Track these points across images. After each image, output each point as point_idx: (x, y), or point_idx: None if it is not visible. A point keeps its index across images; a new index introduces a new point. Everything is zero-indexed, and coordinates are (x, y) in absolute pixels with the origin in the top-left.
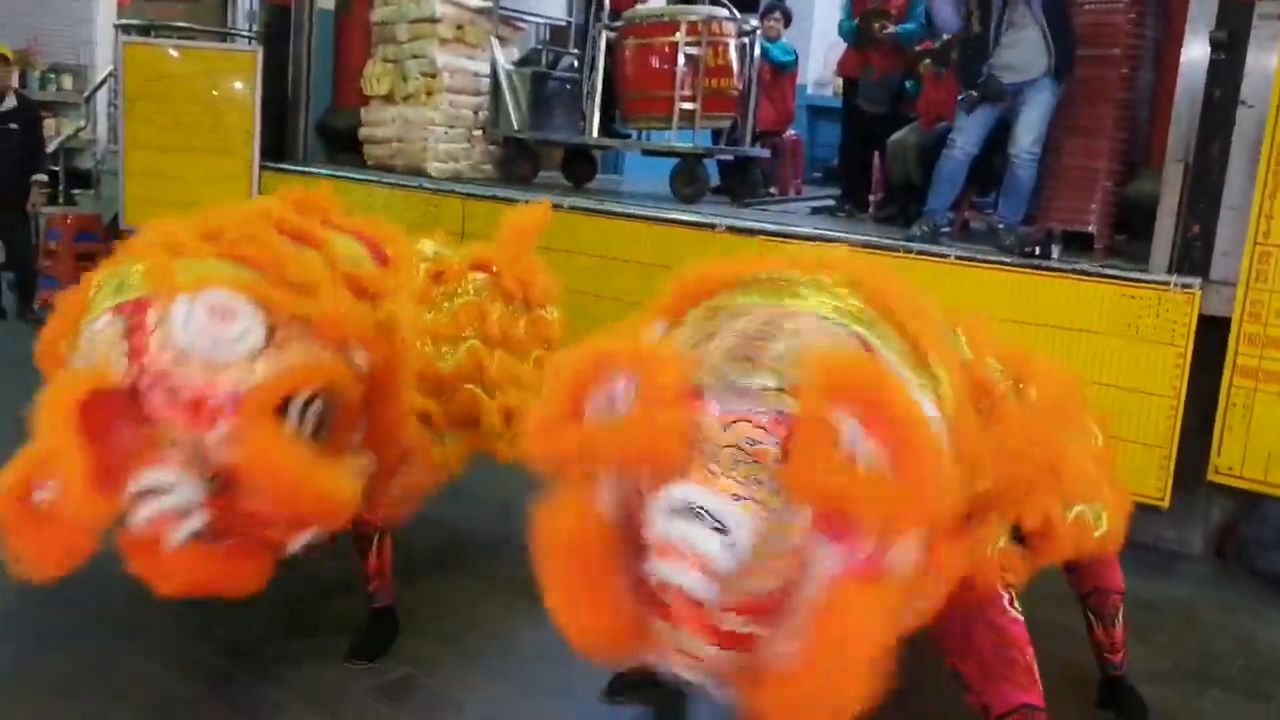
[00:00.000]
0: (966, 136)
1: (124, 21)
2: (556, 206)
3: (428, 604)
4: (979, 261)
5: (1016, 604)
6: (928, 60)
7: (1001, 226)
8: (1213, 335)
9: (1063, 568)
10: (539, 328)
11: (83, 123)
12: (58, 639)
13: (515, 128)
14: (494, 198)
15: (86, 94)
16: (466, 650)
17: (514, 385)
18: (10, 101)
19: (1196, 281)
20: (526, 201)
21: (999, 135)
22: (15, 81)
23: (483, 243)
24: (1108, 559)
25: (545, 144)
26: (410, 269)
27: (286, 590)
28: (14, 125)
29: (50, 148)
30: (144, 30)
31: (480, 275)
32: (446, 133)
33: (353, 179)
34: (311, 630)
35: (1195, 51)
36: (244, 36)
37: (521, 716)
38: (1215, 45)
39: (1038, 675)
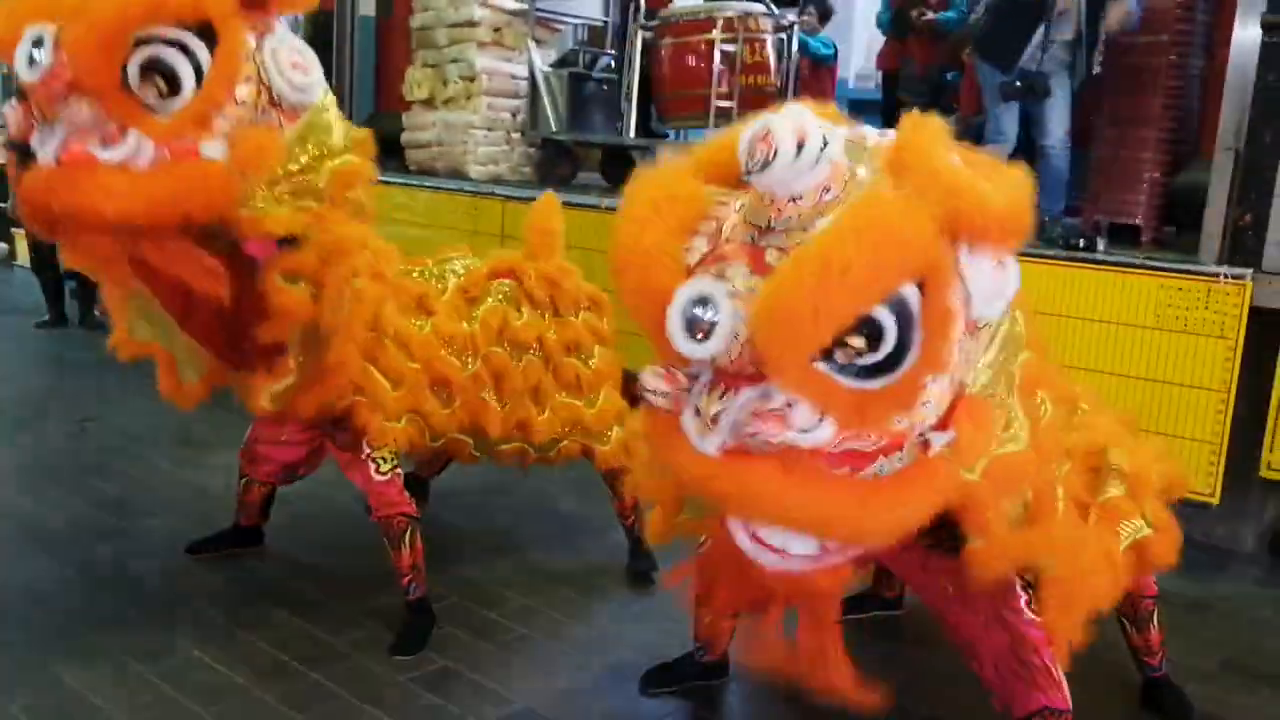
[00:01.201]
0: (1007, 125)
1: None
2: (594, 207)
3: (470, 596)
4: (1022, 255)
5: (1034, 605)
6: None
7: (1046, 219)
8: (1265, 328)
9: None
10: (566, 332)
11: None
12: (109, 625)
13: (553, 129)
14: (533, 199)
15: None
16: (508, 641)
17: (531, 396)
18: None
19: (1248, 273)
20: (566, 203)
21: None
22: None
23: (507, 249)
24: None
25: (583, 145)
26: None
27: (333, 585)
28: None
29: None
30: None
31: (505, 282)
32: (486, 135)
33: (395, 183)
34: (358, 623)
35: (1247, 35)
36: None
37: (561, 707)
38: (1267, 28)
39: (1059, 677)
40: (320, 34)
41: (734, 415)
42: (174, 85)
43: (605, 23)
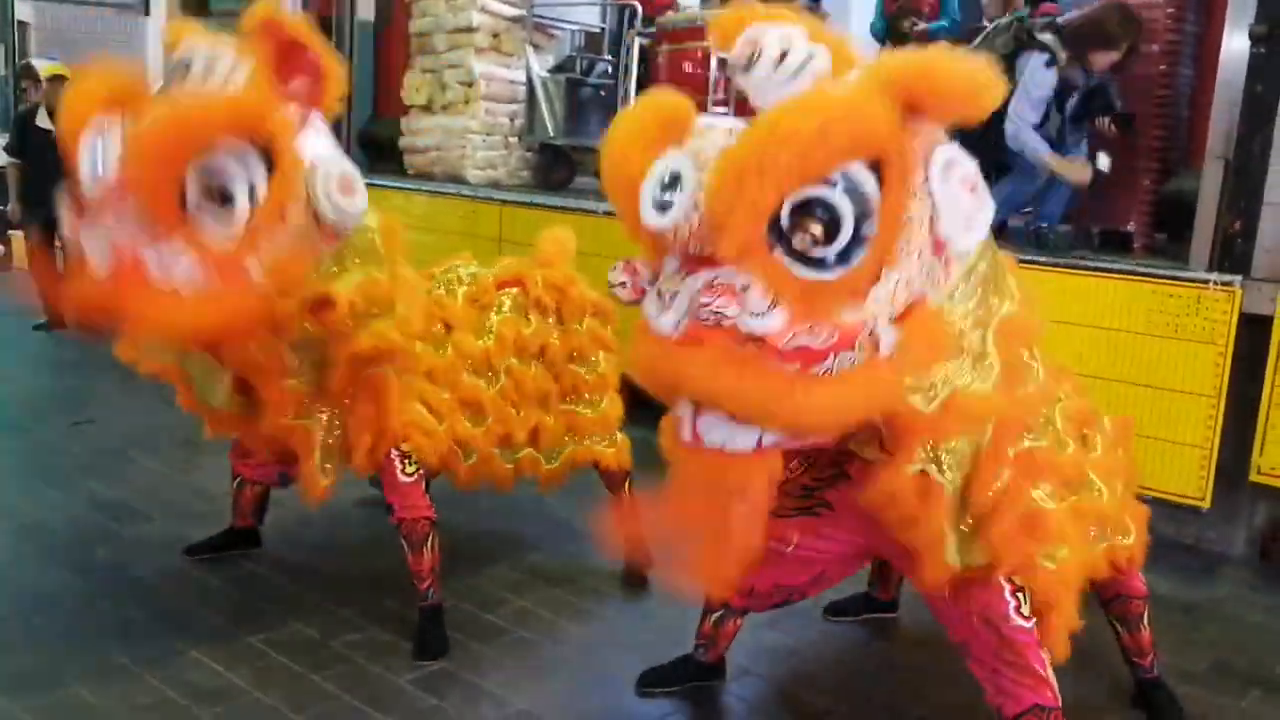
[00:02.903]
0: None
1: None
2: (592, 212)
3: (468, 598)
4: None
5: (1024, 609)
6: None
7: (1044, 226)
8: (1255, 334)
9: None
10: (570, 339)
11: None
12: (108, 626)
13: (551, 134)
14: (531, 204)
15: None
16: (506, 643)
17: (540, 404)
18: None
19: (1237, 280)
20: (563, 207)
21: None
22: None
23: (512, 258)
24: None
25: (581, 150)
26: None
27: (332, 587)
28: None
29: None
30: None
31: (511, 291)
32: (484, 140)
33: (393, 187)
34: (357, 625)
35: (1235, 46)
36: None
37: (559, 709)
38: (1255, 39)
39: (1049, 676)
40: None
41: (689, 292)
42: (227, 199)
43: (602, 29)
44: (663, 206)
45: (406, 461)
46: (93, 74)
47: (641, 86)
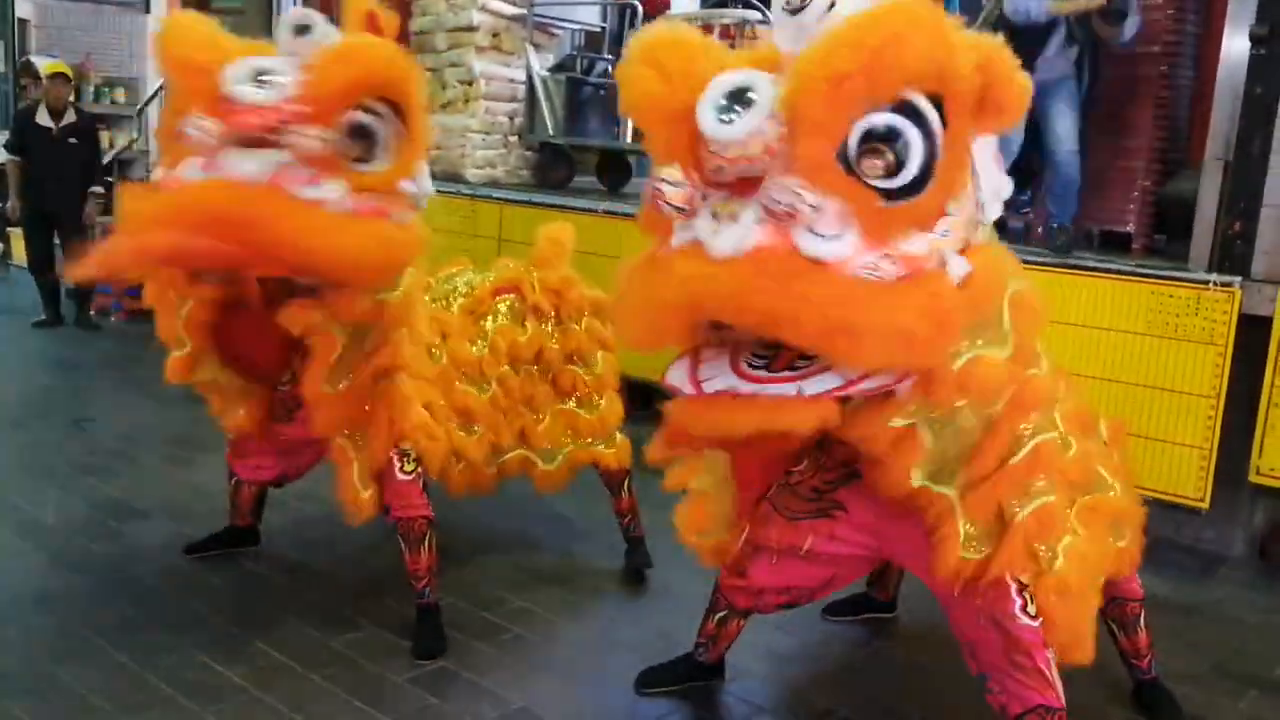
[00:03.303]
0: (1074, 132)
1: None
2: (591, 211)
3: (467, 597)
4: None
5: (1030, 609)
6: None
7: (1055, 226)
8: (1254, 334)
9: None
10: (569, 341)
11: (135, 135)
12: (107, 625)
13: (550, 133)
14: (530, 203)
15: (139, 107)
16: (505, 642)
17: (529, 406)
18: (70, 116)
19: (1237, 280)
20: (562, 206)
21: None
22: (71, 97)
23: (509, 263)
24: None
25: (580, 149)
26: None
27: (331, 585)
28: (74, 139)
29: (104, 160)
30: None
31: (508, 297)
32: (484, 139)
33: None
34: (355, 624)
35: (1235, 47)
36: None
37: (556, 706)
38: (1255, 40)
39: (1054, 677)
40: None
41: (754, 205)
42: (370, 152)
43: (603, 28)
44: (727, 118)
45: (405, 460)
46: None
47: None
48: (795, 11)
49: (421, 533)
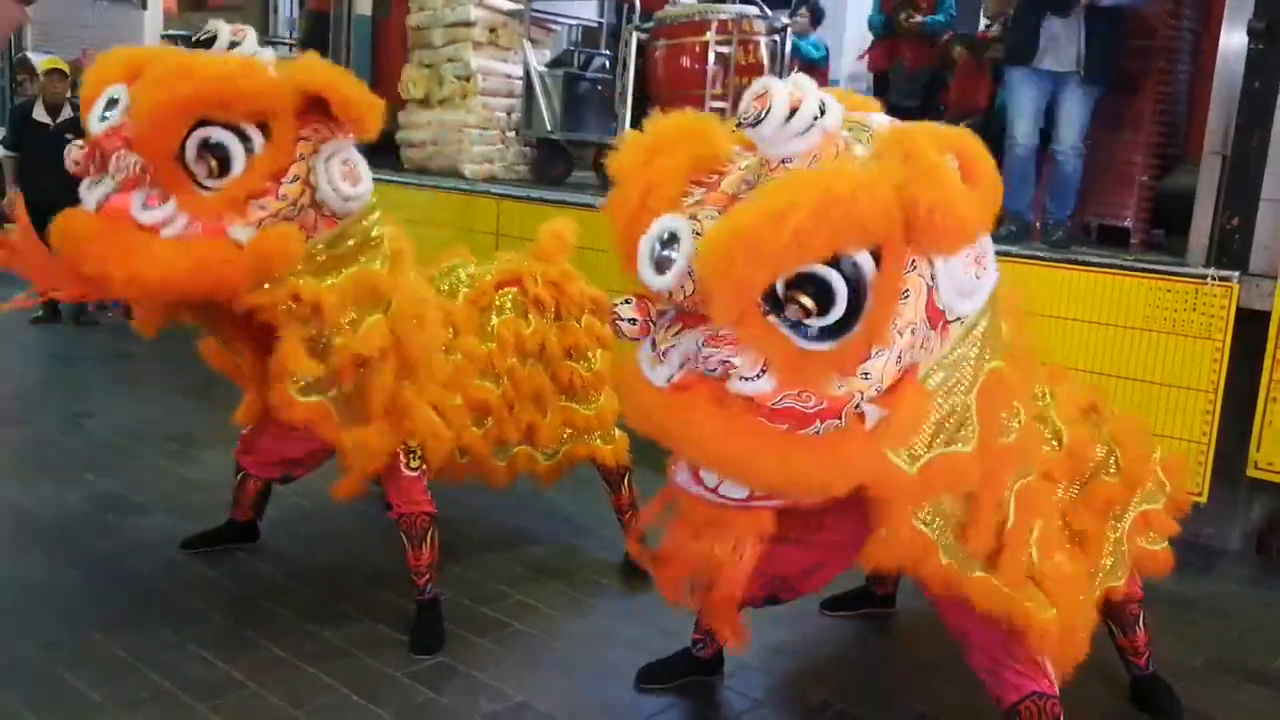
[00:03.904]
0: (1022, 128)
1: (170, 32)
2: (588, 206)
3: (466, 592)
4: (1014, 256)
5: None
6: (959, 47)
7: (1051, 223)
8: (1252, 329)
9: None
10: (567, 336)
11: None
12: (107, 620)
13: (548, 129)
14: (528, 198)
15: None
16: (503, 637)
17: (535, 401)
18: (67, 112)
19: (1234, 275)
20: (560, 202)
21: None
22: (68, 93)
23: (509, 256)
24: None
25: (578, 144)
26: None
27: (331, 581)
28: (70, 135)
29: None
30: (189, 40)
31: (510, 291)
32: (481, 134)
33: (390, 181)
34: (355, 619)
35: (1233, 42)
36: (284, 44)
37: (556, 702)
38: (1253, 35)
39: (1047, 665)
40: (317, 33)
41: (684, 347)
42: (225, 168)
43: (600, 24)
44: (661, 265)
45: (411, 456)
46: (121, 50)
47: (639, 81)
48: (754, 124)
49: (424, 528)
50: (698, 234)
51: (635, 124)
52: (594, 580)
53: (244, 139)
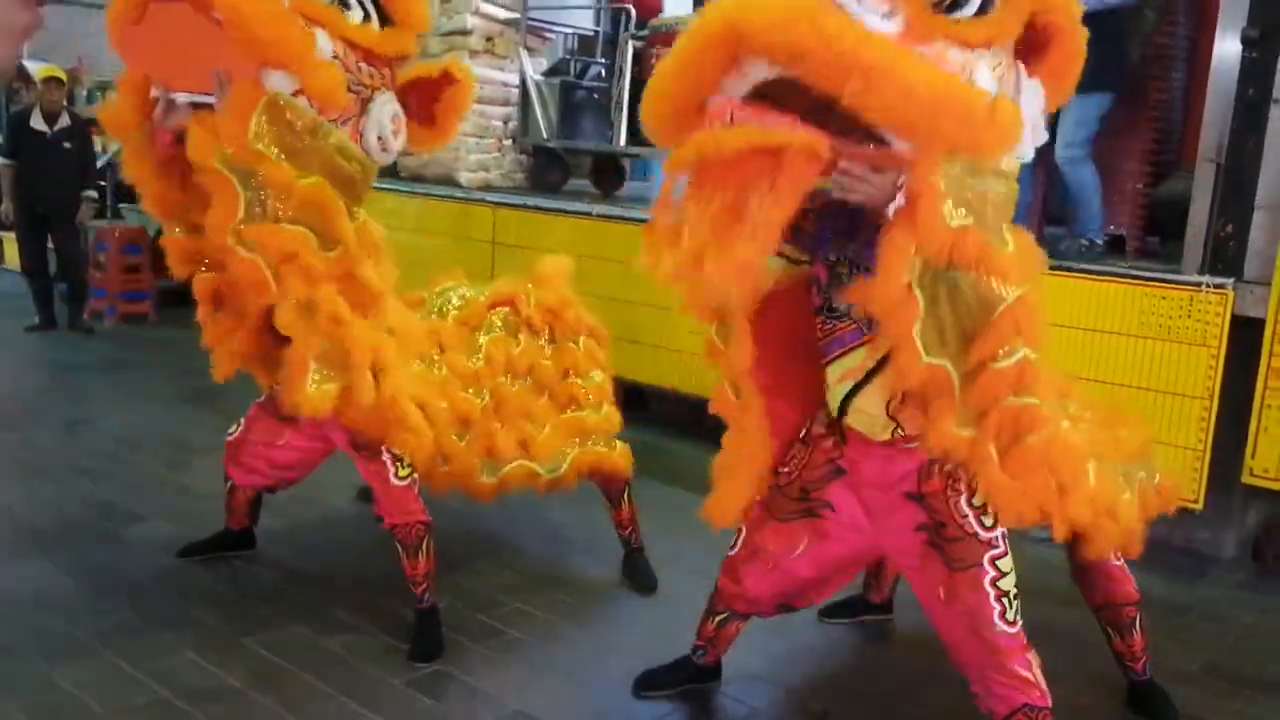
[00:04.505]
0: (1081, 131)
1: None
2: (585, 214)
3: (465, 600)
4: None
5: (1010, 615)
6: None
7: (1085, 241)
8: (1247, 336)
9: (1074, 579)
10: (563, 357)
11: None
12: (104, 627)
13: (544, 137)
14: (524, 206)
15: None
16: (501, 644)
17: (528, 418)
18: (64, 120)
19: (1229, 282)
20: (556, 210)
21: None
22: (65, 101)
23: (506, 279)
24: (1116, 572)
25: (574, 152)
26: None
27: (327, 588)
28: (68, 144)
29: (98, 163)
30: None
31: (502, 310)
32: (477, 143)
33: (386, 190)
34: (352, 626)
35: (1227, 49)
36: None
37: (554, 709)
38: (1247, 43)
39: (1036, 678)
40: None
41: None
42: None
43: (596, 32)
44: None
45: (399, 465)
46: None
47: (635, 89)
48: None
49: (419, 538)
50: None
51: (631, 132)
52: (592, 589)
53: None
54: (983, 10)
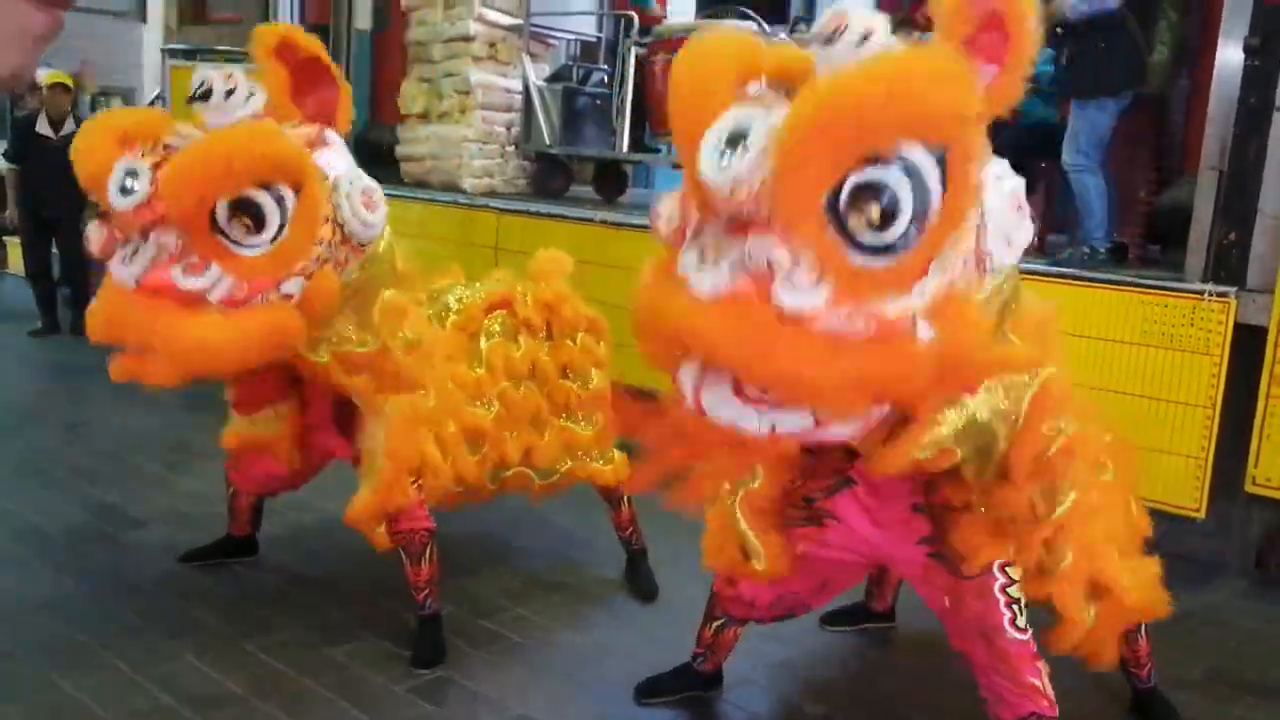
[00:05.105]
0: (1092, 139)
1: (170, 46)
2: (588, 220)
3: (466, 605)
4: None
5: (1020, 621)
6: None
7: (1088, 248)
8: (1250, 344)
9: None
10: (560, 355)
11: None
12: (105, 632)
13: (547, 143)
14: (527, 212)
15: None
16: (503, 650)
17: (532, 423)
18: (69, 125)
19: (1232, 290)
20: (559, 215)
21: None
22: (70, 106)
23: (501, 275)
24: None
25: (577, 158)
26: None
27: (329, 594)
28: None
29: None
30: (189, 54)
31: (499, 314)
32: (480, 149)
33: (390, 196)
34: (353, 632)
35: (1229, 57)
36: None
37: (556, 715)
38: (1249, 51)
39: (1045, 686)
40: None
41: (735, 256)
42: (260, 224)
43: (599, 38)
44: (723, 160)
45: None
46: (106, 116)
47: (637, 96)
48: (827, 42)
49: (422, 545)
50: (770, 128)
51: (634, 139)
52: (593, 593)
53: (275, 195)
54: (908, 239)
